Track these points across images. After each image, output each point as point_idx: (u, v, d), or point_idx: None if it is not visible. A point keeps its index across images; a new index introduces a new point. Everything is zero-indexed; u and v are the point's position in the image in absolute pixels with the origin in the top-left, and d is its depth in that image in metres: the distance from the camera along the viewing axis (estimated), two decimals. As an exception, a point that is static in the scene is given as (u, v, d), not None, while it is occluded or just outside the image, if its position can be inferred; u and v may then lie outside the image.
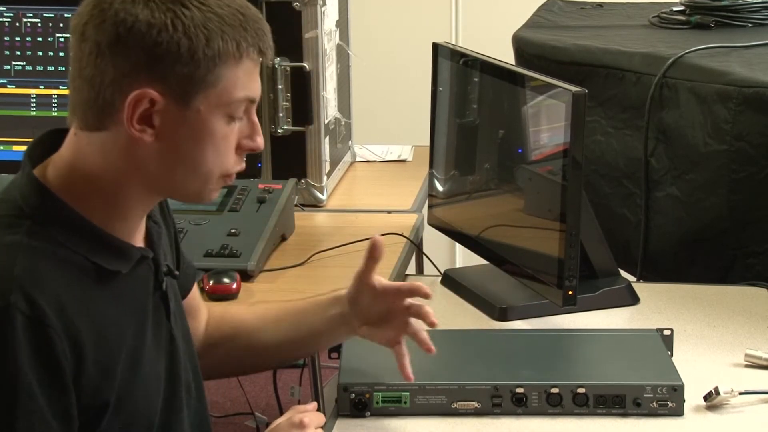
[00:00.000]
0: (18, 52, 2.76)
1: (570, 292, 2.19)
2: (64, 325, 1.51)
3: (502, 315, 2.32)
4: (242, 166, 1.64)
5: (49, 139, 1.64)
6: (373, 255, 1.93)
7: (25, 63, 2.76)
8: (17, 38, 2.76)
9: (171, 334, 1.72)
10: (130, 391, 1.61)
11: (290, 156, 2.83)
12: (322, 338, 2.00)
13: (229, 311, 2.04)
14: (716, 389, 1.96)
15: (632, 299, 2.39)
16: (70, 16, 2.71)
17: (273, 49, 1.62)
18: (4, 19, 2.76)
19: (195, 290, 1.97)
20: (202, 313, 1.99)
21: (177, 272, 1.75)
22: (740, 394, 1.97)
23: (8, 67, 2.76)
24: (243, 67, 1.57)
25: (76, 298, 1.54)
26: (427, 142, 2.61)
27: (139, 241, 1.66)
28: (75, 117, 1.58)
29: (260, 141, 1.64)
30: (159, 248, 1.71)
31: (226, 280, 2.34)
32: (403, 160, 3.19)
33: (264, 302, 2.10)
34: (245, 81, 1.58)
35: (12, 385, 1.47)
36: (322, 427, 1.78)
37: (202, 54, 1.53)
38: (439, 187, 2.59)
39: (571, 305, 2.21)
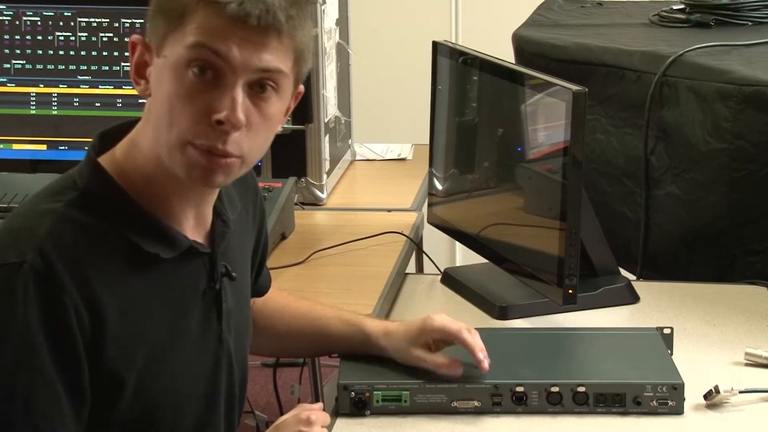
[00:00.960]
0: (18, 51, 2.76)
1: (570, 291, 2.19)
2: (83, 292, 1.50)
3: (502, 314, 2.32)
4: (215, 142, 1.55)
5: (118, 131, 1.66)
6: (452, 368, 1.95)
7: (24, 61, 2.76)
8: (17, 37, 2.75)
9: (220, 337, 1.70)
10: (155, 382, 1.59)
11: (290, 154, 2.83)
12: (334, 349, 2.03)
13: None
14: (716, 388, 1.96)
15: (632, 298, 2.39)
16: (70, 14, 2.72)
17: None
18: (4, 18, 2.76)
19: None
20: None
21: (234, 275, 1.70)
22: (740, 392, 1.97)
23: (8, 65, 2.76)
24: (212, 15, 1.52)
25: (102, 271, 1.53)
26: (427, 141, 2.61)
27: (198, 236, 1.65)
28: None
29: (228, 114, 1.53)
30: (220, 248, 1.68)
31: (226, 278, 2.34)
32: (403, 159, 3.19)
33: (294, 296, 2.11)
34: (211, 27, 1.53)
35: (21, 341, 1.47)
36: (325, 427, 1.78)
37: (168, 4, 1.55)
38: (439, 186, 2.59)
39: (571, 304, 2.21)
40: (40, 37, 2.75)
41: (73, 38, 2.74)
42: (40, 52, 2.76)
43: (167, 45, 1.55)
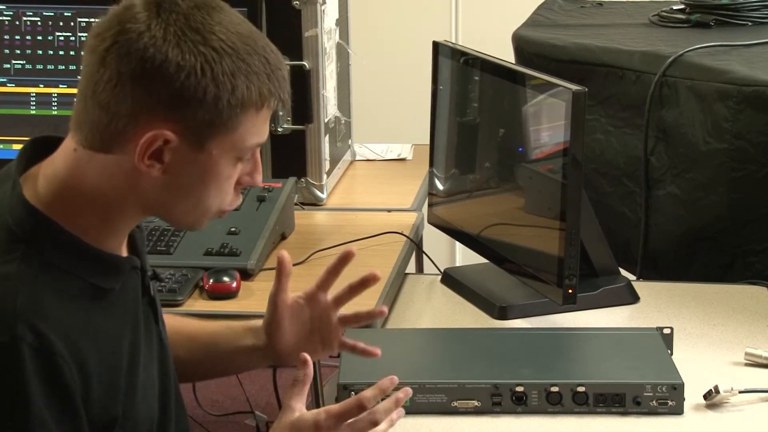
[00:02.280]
0: (18, 51, 2.76)
1: (570, 291, 2.19)
2: (69, 350, 1.49)
3: (502, 314, 2.32)
4: (239, 201, 1.63)
5: (33, 149, 1.61)
6: (282, 271, 1.87)
7: (24, 62, 2.76)
8: (17, 37, 2.76)
9: (160, 338, 1.71)
10: (132, 400, 1.60)
11: (290, 155, 2.83)
12: (232, 365, 1.96)
13: None
14: (716, 388, 1.96)
15: (632, 298, 2.39)
16: (70, 14, 2.72)
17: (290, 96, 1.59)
18: (4, 18, 2.76)
19: None
20: None
21: (162, 276, 1.73)
22: (740, 392, 1.97)
23: (8, 65, 2.77)
24: (261, 115, 1.55)
25: (77, 321, 1.52)
26: (427, 141, 2.61)
27: (124, 249, 1.65)
28: (78, 132, 1.54)
29: (259, 179, 1.62)
30: (143, 254, 1.69)
31: (225, 278, 2.34)
32: (403, 159, 3.18)
33: (182, 318, 2.01)
34: (261, 127, 1.57)
35: (24, 416, 1.46)
36: None
37: (226, 103, 1.50)
38: (439, 186, 2.59)
39: (571, 304, 2.21)
40: (40, 37, 2.75)
41: (73, 38, 2.75)
42: (40, 52, 2.76)
43: (213, 140, 1.53)
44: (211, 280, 2.34)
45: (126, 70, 1.48)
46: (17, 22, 2.75)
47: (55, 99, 2.76)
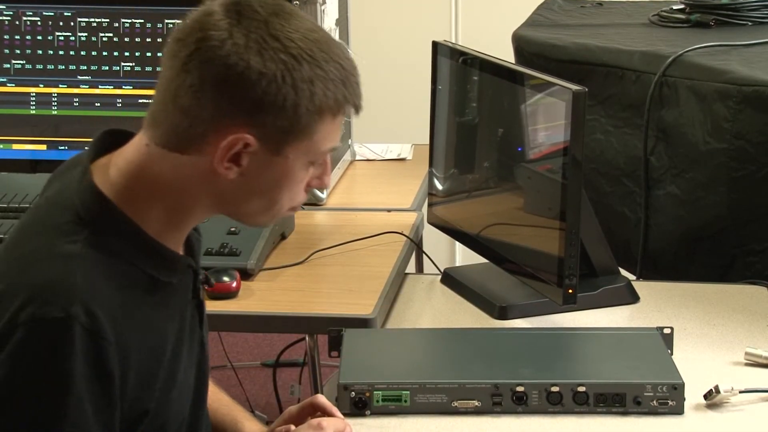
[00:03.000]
0: (18, 51, 2.75)
1: (570, 291, 2.19)
2: (116, 337, 1.52)
3: (502, 313, 2.32)
4: (306, 198, 1.67)
5: (104, 139, 1.65)
6: None
7: (24, 61, 2.76)
8: (17, 36, 2.75)
9: (202, 342, 1.74)
10: (167, 398, 1.62)
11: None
12: None
13: None
14: (716, 388, 1.96)
15: (632, 298, 2.39)
16: (70, 14, 2.72)
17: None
18: (4, 18, 2.76)
19: None
20: None
21: (213, 281, 1.76)
22: (740, 392, 1.97)
23: (8, 65, 2.76)
24: (336, 121, 1.60)
25: (127, 310, 1.54)
26: (427, 141, 2.61)
27: (181, 248, 1.68)
28: (153, 130, 1.57)
29: (328, 181, 1.67)
30: (198, 256, 1.73)
31: (225, 278, 2.34)
32: (403, 159, 3.18)
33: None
34: (335, 133, 1.61)
35: (63, 395, 1.48)
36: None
37: (304, 109, 1.55)
38: (439, 186, 2.59)
39: (571, 304, 2.21)
40: (40, 37, 2.75)
41: (73, 38, 2.74)
42: (40, 52, 2.75)
43: (290, 147, 1.57)
44: (211, 280, 2.34)
45: (209, 76, 1.52)
46: (17, 22, 2.75)
47: (55, 99, 2.76)
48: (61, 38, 2.75)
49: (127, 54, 2.72)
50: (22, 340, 1.47)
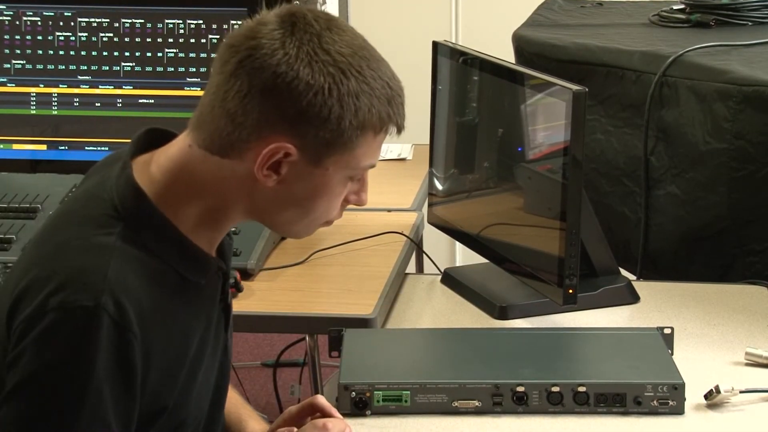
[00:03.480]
0: (18, 51, 2.76)
1: (570, 291, 2.19)
2: (142, 332, 1.53)
3: (502, 314, 2.32)
4: (341, 215, 1.69)
5: (146, 137, 1.66)
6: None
7: (25, 61, 2.76)
8: (17, 37, 2.75)
9: (225, 346, 1.75)
10: (187, 398, 1.64)
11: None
12: None
13: None
14: (717, 388, 1.96)
15: (632, 298, 2.39)
16: (70, 14, 2.72)
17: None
18: (4, 18, 2.76)
19: None
20: None
21: (243, 286, 1.77)
22: (741, 392, 1.97)
23: (8, 65, 2.76)
24: (378, 139, 1.61)
25: (155, 306, 1.56)
26: (427, 141, 2.61)
27: (214, 251, 1.69)
28: (197, 132, 1.60)
29: (365, 198, 1.68)
30: (229, 260, 1.74)
31: (226, 278, 2.34)
32: (403, 159, 3.18)
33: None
34: (375, 150, 1.63)
35: (84, 382, 1.50)
36: None
37: (348, 123, 1.56)
38: (439, 186, 2.59)
39: (571, 304, 2.21)
40: (40, 37, 2.75)
41: (73, 38, 2.74)
42: (40, 52, 2.75)
43: (330, 158, 1.59)
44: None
45: (257, 83, 1.54)
46: (17, 22, 2.75)
47: (55, 99, 2.76)
48: (62, 38, 2.75)
49: (127, 54, 2.72)
50: (51, 325, 1.49)
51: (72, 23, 2.74)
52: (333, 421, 1.80)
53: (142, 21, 2.70)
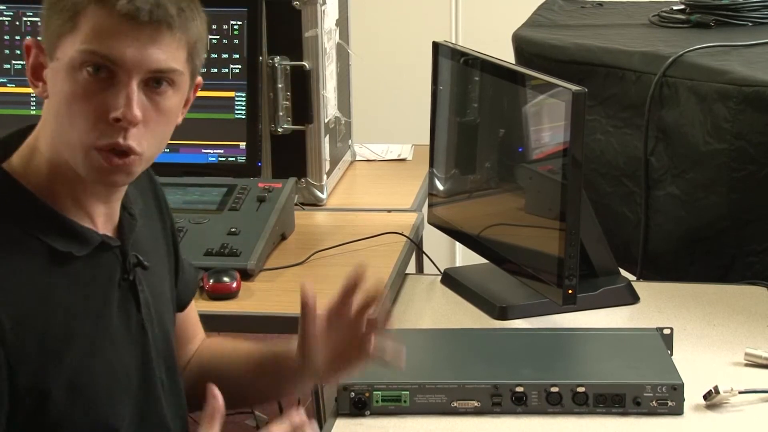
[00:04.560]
0: (18, 51, 2.76)
1: (570, 291, 2.19)
2: (7, 308, 1.50)
3: (502, 314, 2.32)
4: (115, 139, 1.55)
5: (20, 133, 1.66)
6: (307, 308, 1.77)
7: (24, 62, 2.76)
8: (17, 37, 2.75)
9: (142, 326, 1.69)
10: (90, 380, 1.59)
11: (290, 155, 2.83)
12: (276, 388, 1.91)
13: (208, 339, 1.98)
14: (716, 388, 1.96)
15: (632, 298, 2.39)
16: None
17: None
18: (4, 18, 2.76)
19: (194, 314, 1.95)
20: (199, 338, 1.96)
21: (147, 264, 1.69)
22: (740, 393, 1.97)
23: (8, 65, 2.76)
24: (102, 14, 1.53)
25: (21, 279, 1.53)
26: (427, 141, 2.61)
27: (107, 230, 1.65)
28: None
29: (125, 111, 1.54)
30: (129, 240, 1.68)
31: (226, 279, 2.34)
32: (403, 159, 3.19)
33: (233, 339, 1.98)
34: (104, 31, 1.53)
35: None
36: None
37: (65, 3, 1.54)
38: (440, 186, 2.59)
39: (571, 304, 2.22)
40: (40, 38, 2.75)
41: (73, 38, 2.74)
42: (40, 52, 2.75)
43: (60, 47, 1.55)
44: (211, 281, 2.34)
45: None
46: (17, 22, 2.75)
47: (55, 99, 2.76)
48: (62, 38, 2.74)
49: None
50: None
51: (72, 23, 2.74)
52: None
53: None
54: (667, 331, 2.10)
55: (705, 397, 1.97)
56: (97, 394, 1.61)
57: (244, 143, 2.74)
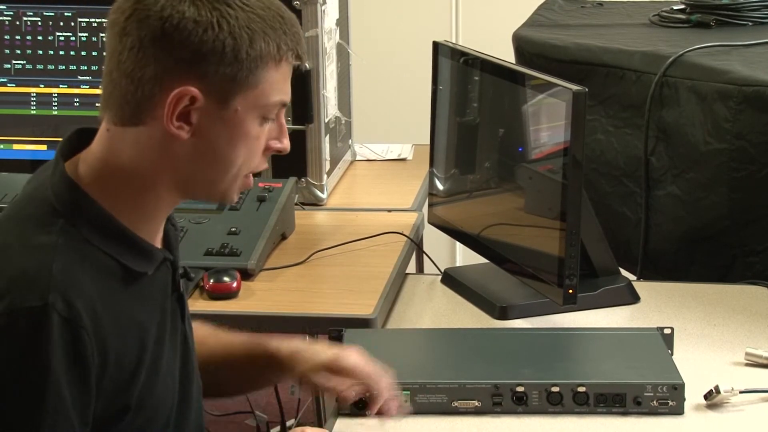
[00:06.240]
0: (18, 51, 2.76)
1: (570, 291, 2.19)
2: (94, 327, 1.51)
3: (502, 314, 2.32)
4: (265, 165, 1.67)
5: (77, 138, 1.65)
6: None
7: (25, 62, 2.76)
8: (17, 37, 2.76)
9: (185, 336, 1.73)
10: (150, 394, 1.62)
11: (290, 155, 2.77)
12: (262, 378, 1.94)
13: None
14: (717, 388, 1.96)
15: (632, 298, 2.39)
16: (70, 14, 2.72)
17: (306, 55, 1.64)
18: (5, 18, 2.76)
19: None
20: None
21: (192, 275, 1.74)
22: (741, 392, 1.97)
23: (8, 65, 2.77)
24: (281, 71, 1.59)
25: (105, 300, 1.54)
26: (428, 141, 2.61)
27: (159, 242, 1.67)
28: (109, 111, 1.58)
29: (287, 143, 1.66)
30: (176, 251, 1.72)
31: (226, 278, 2.34)
32: (404, 159, 3.18)
33: (216, 329, 1.98)
34: (282, 84, 1.60)
35: (42, 383, 1.48)
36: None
37: (245, 54, 1.54)
38: (440, 186, 2.59)
39: (571, 304, 2.21)
40: (40, 38, 2.75)
41: (73, 38, 2.75)
42: (40, 52, 2.76)
43: (237, 98, 1.57)
44: (212, 280, 2.34)
45: (146, 33, 1.53)
46: (17, 22, 2.75)
47: (55, 99, 2.76)
48: (62, 38, 2.75)
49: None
50: (1, 330, 1.47)
51: (72, 23, 2.74)
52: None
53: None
54: (667, 331, 2.10)
55: (706, 397, 1.97)
56: (154, 409, 1.64)
57: (245, 143, 2.73)
